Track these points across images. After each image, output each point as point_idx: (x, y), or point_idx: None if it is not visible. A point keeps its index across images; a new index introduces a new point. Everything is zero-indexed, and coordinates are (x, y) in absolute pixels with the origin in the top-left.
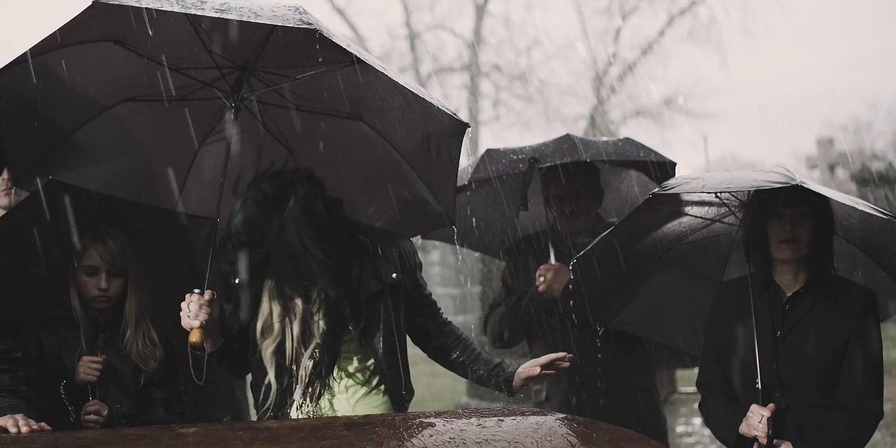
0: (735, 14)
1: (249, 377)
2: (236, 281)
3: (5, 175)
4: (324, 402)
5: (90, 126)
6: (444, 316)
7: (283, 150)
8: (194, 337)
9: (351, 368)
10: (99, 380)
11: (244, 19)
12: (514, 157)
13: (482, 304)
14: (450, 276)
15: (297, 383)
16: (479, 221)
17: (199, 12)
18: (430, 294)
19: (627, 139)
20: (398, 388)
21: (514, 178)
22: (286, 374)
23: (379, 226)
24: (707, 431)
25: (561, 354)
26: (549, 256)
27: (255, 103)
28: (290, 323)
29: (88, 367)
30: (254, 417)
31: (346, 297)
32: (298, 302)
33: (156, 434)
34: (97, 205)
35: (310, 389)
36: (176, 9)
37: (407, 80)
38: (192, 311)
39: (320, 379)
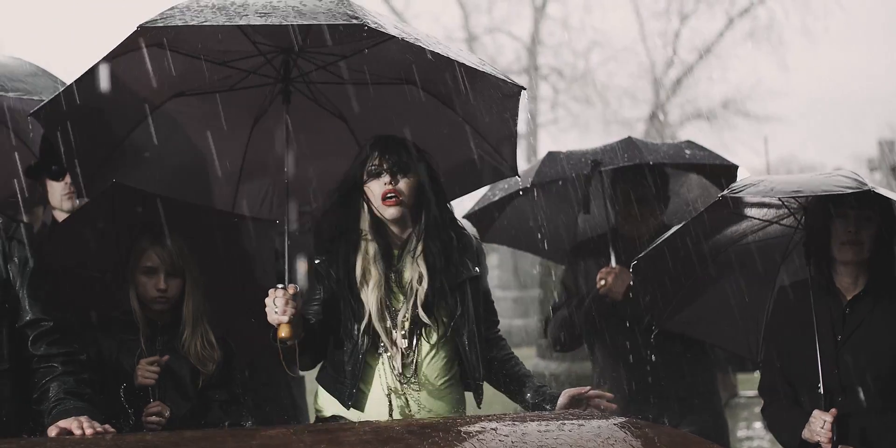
0: (795, 15)
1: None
2: (316, 261)
3: (68, 180)
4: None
5: (143, 127)
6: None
7: (343, 125)
8: (283, 332)
9: (435, 360)
10: (157, 382)
11: (288, 22)
12: (576, 160)
13: (541, 307)
14: (509, 278)
15: (395, 329)
16: (540, 225)
17: (243, 22)
18: (493, 302)
19: (689, 142)
20: (477, 379)
21: (575, 181)
22: (386, 319)
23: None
24: (769, 436)
25: (608, 395)
26: (610, 259)
27: (304, 84)
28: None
29: (146, 370)
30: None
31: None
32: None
33: (219, 436)
34: (156, 206)
35: (406, 340)
36: (221, 21)
37: (458, 52)
38: (279, 307)
39: (417, 332)
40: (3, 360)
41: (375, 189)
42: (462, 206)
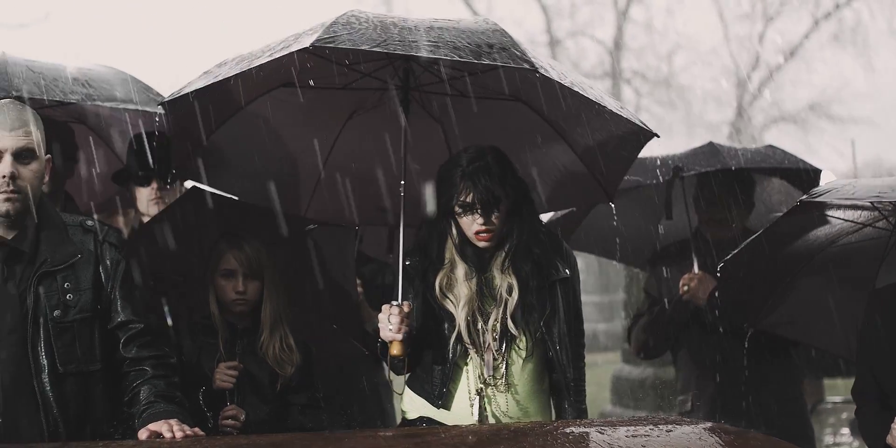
0: (881, 17)
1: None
2: (407, 263)
3: (154, 185)
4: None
5: (228, 124)
6: None
7: (440, 134)
8: (395, 350)
9: (524, 364)
10: (236, 386)
11: (463, 59)
12: (657, 165)
13: (626, 311)
14: (593, 283)
15: (486, 332)
16: (622, 231)
17: (414, 52)
18: (581, 309)
19: (770, 146)
20: (567, 381)
21: (657, 186)
22: (477, 322)
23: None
24: (857, 442)
25: None
26: (692, 265)
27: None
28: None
29: (225, 373)
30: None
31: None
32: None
33: (309, 439)
34: (234, 211)
35: (496, 342)
36: (392, 48)
37: (601, 95)
38: (394, 325)
39: (509, 339)
40: (94, 361)
41: (467, 224)
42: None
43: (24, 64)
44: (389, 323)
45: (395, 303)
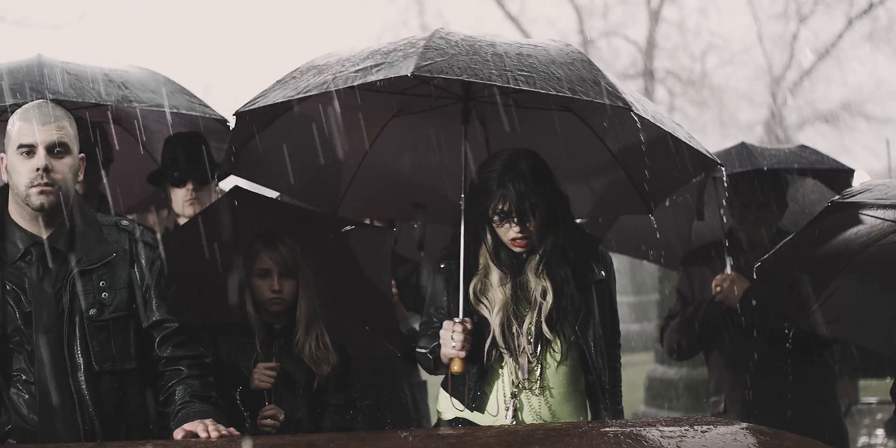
0: None
1: (431, 387)
2: (442, 266)
3: (190, 186)
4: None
5: (275, 122)
6: None
7: (482, 137)
8: (457, 367)
9: (559, 367)
10: (273, 386)
11: (558, 93)
12: None
13: (659, 312)
14: (625, 283)
15: (521, 335)
16: (654, 232)
17: (512, 85)
18: (617, 311)
19: (803, 146)
20: (603, 383)
21: (688, 187)
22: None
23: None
24: (892, 443)
25: None
26: (725, 266)
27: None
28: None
29: (263, 373)
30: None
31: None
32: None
33: (346, 439)
34: (271, 211)
35: (531, 346)
36: (491, 79)
37: (675, 125)
38: (458, 342)
39: (543, 342)
40: (129, 360)
41: (503, 231)
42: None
43: (60, 65)
44: (453, 340)
45: (457, 320)
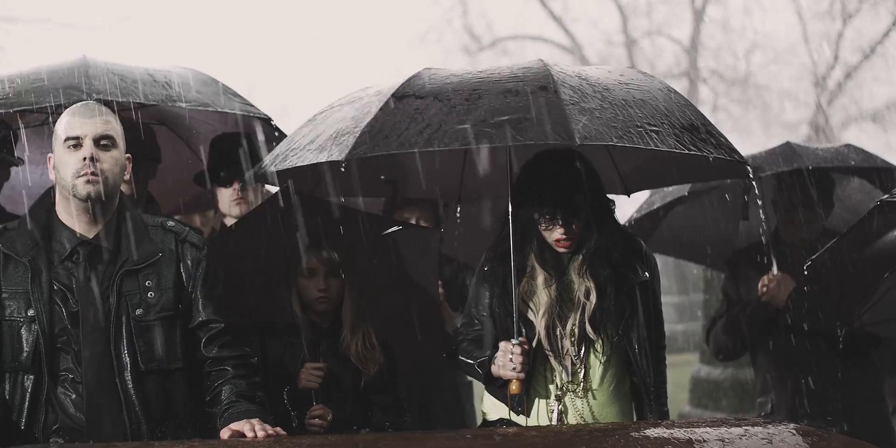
0: None
1: (477, 387)
2: (486, 268)
3: (236, 186)
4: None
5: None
6: None
7: None
8: (515, 387)
9: (603, 369)
10: (321, 386)
11: (675, 150)
12: None
13: (704, 312)
14: (670, 284)
15: (564, 337)
16: (700, 232)
17: (652, 147)
18: (661, 312)
19: (849, 145)
20: (648, 385)
21: (732, 187)
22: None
23: None
24: None
25: None
26: (771, 266)
27: None
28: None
29: (311, 373)
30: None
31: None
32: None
33: (392, 439)
34: (318, 210)
35: (575, 348)
36: (613, 141)
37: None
38: (517, 364)
39: (587, 343)
40: (175, 360)
41: (548, 234)
42: (622, 212)
43: (105, 66)
44: (511, 361)
45: (514, 341)
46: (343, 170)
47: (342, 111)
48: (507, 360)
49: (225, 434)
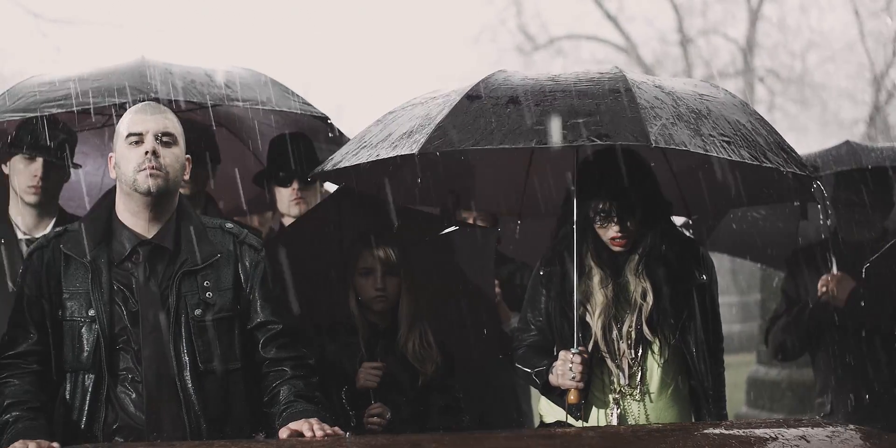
0: None
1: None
2: (541, 273)
3: (295, 186)
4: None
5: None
6: None
7: None
8: (574, 397)
9: (661, 371)
10: (378, 385)
11: (752, 162)
12: None
13: (762, 312)
14: (727, 283)
15: (621, 339)
16: (758, 231)
17: (723, 156)
18: (719, 314)
19: None
20: (706, 389)
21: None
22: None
23: None
24: None
25: None
26: (830, 266)
27: None
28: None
29: (369, 372)
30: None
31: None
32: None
33: (450, 439)
34: (376, 210)
35: (632, 350)
36: (701, 150)
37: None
38: (577, 373)
39: (644, 345)
40: (234, 360)
41: (604, 232)
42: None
43: (164, 67)
44: (571, 371)
45: (574, 351)
46: (419, 181)
47: (414, 111)
48: (567, 369)
49: (284, 433)
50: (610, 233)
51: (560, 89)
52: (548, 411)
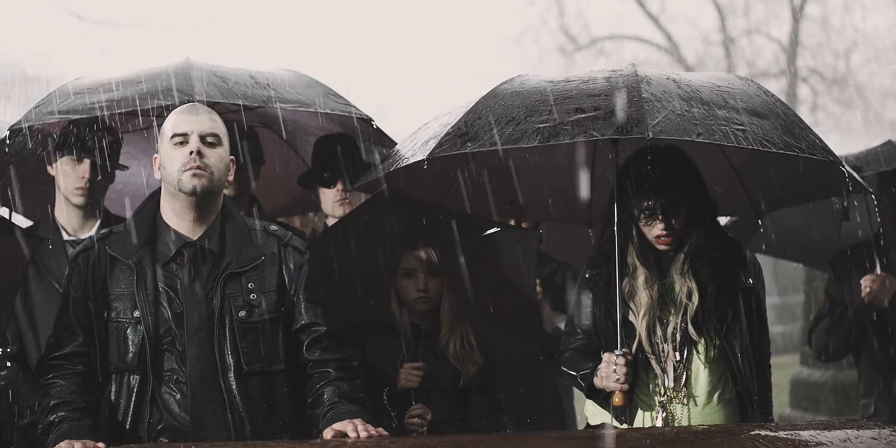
0: None
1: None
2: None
3: (339, 186)
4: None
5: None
6: None
7: None
8: (619, 399)
9: (706, 375)
10: (420, 386)
11: (777, 151)
12: None
13: (804, 313)
14: (769, 285)
15: (666, 341)
16: (800, 232)
17: (729, 142)
18: (766, 319)
19: None
20: (752, 394)
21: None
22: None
23: None
24: None
25: None
26: (874, 267)
27: None
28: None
29: (410, 373)
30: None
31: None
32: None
33: (489, 440)
34: (419, 213)
35: (677, 353)
36: (711, 140)
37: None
38: (621, 375)
39: (689, 347)
40: (278, 362)
41: (649, 230)
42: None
43: (208, 68)
44: (615, 373)
45: (618, 352)
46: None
47: (442, 118)
48: (611, 370)
49: (328, 434)
50: (655, 231)
51: (572, 88)
52: (594, 414)
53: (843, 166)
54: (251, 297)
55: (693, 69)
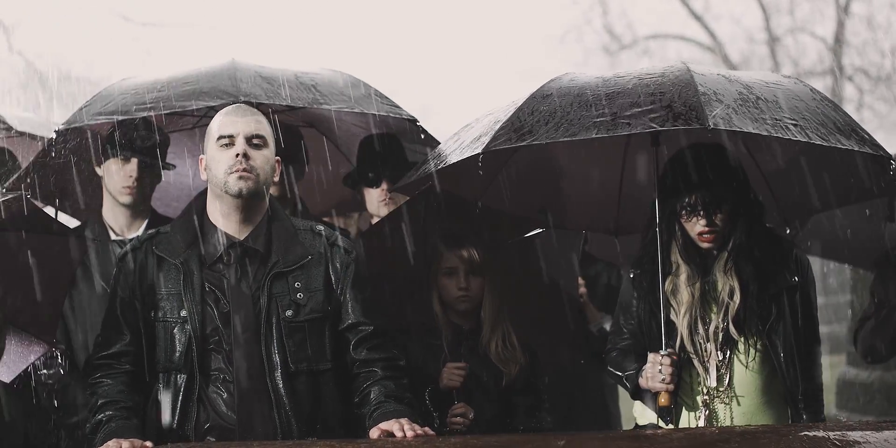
0: None
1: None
2: (631, 276)
3: (384, 186)
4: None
5: None
6: None
7: None
8: (664, 400)
9: (750, 375)
10: (462, 386)
11: (827, 144)
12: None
13: (850, 313)
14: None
15: (708, 341)
16: (846, 232)
17: (778, 134)
18: (815, 317)
19: None
20: (795, 394)
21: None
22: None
23: None
24: None
25: None
26: None
27: None
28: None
29: (452, 372)
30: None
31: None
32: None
33: (533, 440)
34: (461, 213)
35: (720, 353)
36: (764, 131)
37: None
38: (667, 376)
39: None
40: (324, 361)
41: (691, 227)
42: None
43: (254, 69)
44: (661, 373)
45: (663, 352)
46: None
47: (486, 118)
48: (656, 371)
49: (374, 433)
50: (697, 227)
51: (623, 84)
52: (641, 414)
53: (893, 161)
54: (298, 296)
55: (738, 68)
